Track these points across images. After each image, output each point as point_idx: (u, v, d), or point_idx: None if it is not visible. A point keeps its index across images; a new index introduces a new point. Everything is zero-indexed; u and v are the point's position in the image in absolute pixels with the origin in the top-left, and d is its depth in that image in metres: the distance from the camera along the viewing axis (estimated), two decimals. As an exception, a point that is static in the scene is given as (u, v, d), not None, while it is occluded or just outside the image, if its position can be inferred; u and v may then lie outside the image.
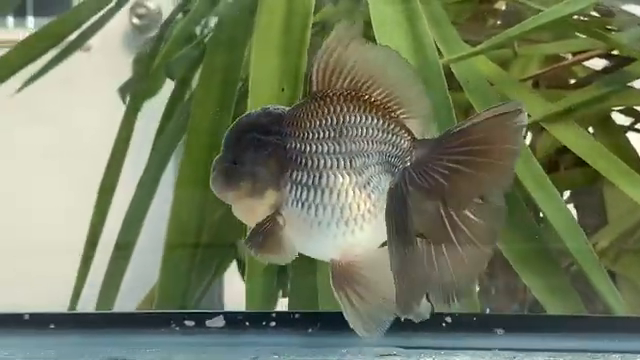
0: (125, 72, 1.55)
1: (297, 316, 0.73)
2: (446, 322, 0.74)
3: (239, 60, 1.05)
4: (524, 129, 0.62)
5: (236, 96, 1.04)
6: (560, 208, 1.00)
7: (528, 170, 1.01)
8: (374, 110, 0.63)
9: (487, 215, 0.63)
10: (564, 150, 1.23)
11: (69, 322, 0.72)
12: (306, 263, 0.99)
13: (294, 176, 0.61)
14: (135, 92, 1.40)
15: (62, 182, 1.71)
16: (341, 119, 0.62)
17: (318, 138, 0.62)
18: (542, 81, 1.28)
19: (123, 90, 1.50)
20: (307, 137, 0.62)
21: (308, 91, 0.63)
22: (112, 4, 1.29)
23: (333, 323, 0.72)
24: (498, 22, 1.33)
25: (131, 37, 1.99)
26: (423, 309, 0.64)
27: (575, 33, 1.21)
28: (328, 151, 0.61)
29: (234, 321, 0.73)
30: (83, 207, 1.27)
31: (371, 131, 0.62)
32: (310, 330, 0.73)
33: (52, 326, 0.71)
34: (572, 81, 1.30)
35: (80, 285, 1.15)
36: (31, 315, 0.71)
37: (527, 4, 1.14)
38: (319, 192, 0.61)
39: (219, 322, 0.73)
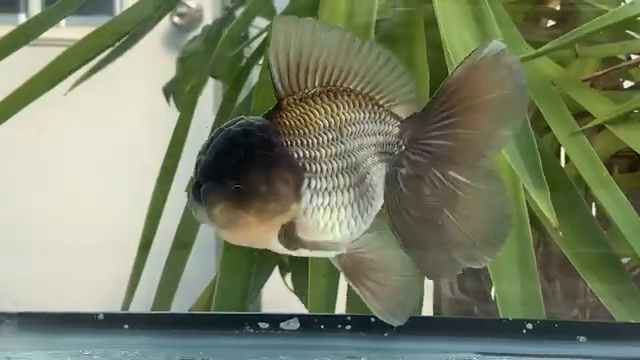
0: (167, 70, 1.55)
1: (373, 320, 0.72)
2: (527, 329, 0.72)
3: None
4: (504, 56, 0.61)
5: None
6: (627, 212, 0.98)
7: (594, 173, 0.99)
8: (362, 103, 0.62)
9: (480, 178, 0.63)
10: (618, 153, 1.21)
11: (143, 322, 0.71)
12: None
13: (312, 184, 0.59)
14: (183, 90, 1.40)
15: (107, 180, 1.72)
16: (338, 119, 0.61)
17: (324, 142, 0.60)
18: (597, 82, 1.26)
19: (167, 89, 1.50)
20: (313, 144, 0.60)
21: (277, 94, 0.60)
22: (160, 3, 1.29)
23: (410, 327, 0.71)
24: (551, 23, 1.31)
25: (171, 36, 2.00)
26: (402, 315, 0.63)
27: (628, 33, 1.19)
28: (336, 153, 0.61)
29: (309, 324, 0.72)
30: (132, 205, 1.26)
31: (364, 125, 0.62)
32: (386, 334, 0.72)
33: (126, 326, 0.71)
34: (626, 83, 1.28)
35: (134, 284, 1.15)
36: (105, 315, 0.71)
37: (590, 4, 1.13)
38: (338, 194, 0.60)
39: (294, 325, 0.72)
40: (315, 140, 0.60)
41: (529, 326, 0.72)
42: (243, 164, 0.57)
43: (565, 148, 1.03)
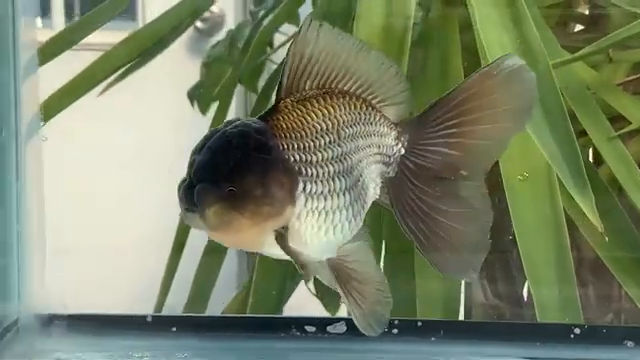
0: (189, 74, 1.55)
1: (420, 324, 0.72)
2: (574, 333, 0.72)
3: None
4: (523, 72, 0.61)
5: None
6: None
7: (630, 176, 0.99)
8: (357, 105, 0.62)
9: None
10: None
11: (191, 325, 0.71)
12: (403, 269, 0.98)
13: (307, 188, 0.58)
14: (208, 94, 1.41)
15: (136, 182, 1.72)
16: (335, 121, 0.60)
17: (321, 145, 0.59)
18: (627, 87, 1.26)
19: (191, 93, 1.51)
20: (310, 147, 0.59)
21: (279, 95, 0.59)
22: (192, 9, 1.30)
23: (456, 331, 0.71)
24: (580, 27, 1.31)
25: (194, 40, 2.00)
26: (378, 328, 0.62)
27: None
28: (333, 157, 0.60)
29: (356, 327, 0.72)
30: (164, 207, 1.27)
31: (360, 127, 0.61)
32: (433, 338, 0.72)
33: (174, 329, 0.71)
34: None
35: (166, 287, 1.15)
36: (154, 317, 0.71)
37: (620, 7, 1.12)
38: (334, 198, 0.59)
39: (341, 328, 0.72)
40: (312, 144, 0.59)
41: (576, 331, 0.72)
42: (239, 166, 0.56)
43: (601, 152, 1.02)
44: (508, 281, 1.16)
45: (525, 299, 1.17)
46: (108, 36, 1.26)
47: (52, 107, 1.09)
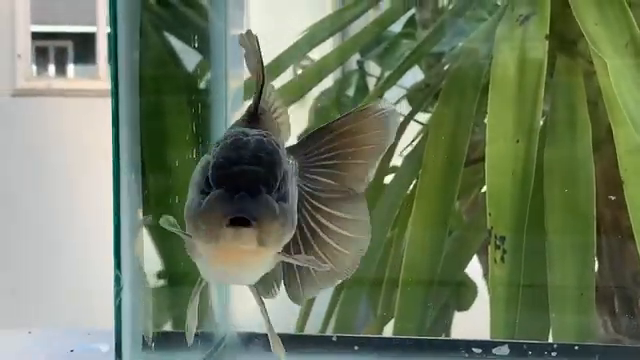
0: (297, 121, 1.64)
1: (577, 347, 0.79)
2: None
3: (470, 111, 1.13)
4: (394, 116, 0.63)
5: (467, 146, 1.11)
6: None
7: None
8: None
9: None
10: None
11: (371, 345, 0.79)
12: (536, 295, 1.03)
13: None
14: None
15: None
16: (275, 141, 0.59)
17: (290, 163, 0.59)
18: None
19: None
20: (289, 163, 0.58)
21: (257, 109, 0.59)
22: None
23: (611, 356, 0.77)
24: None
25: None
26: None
27: None
28: (292, 175, 0.59)
29: (518, 350, 0.79)
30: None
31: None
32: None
33: (356, 347, 0.79)
34: None
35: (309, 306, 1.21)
36: (338, 337, 0.79)
37: None
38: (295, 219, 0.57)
39: (505, 350, 0.80)
40: (288, 160, 0.58)
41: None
42: (284, 177, 0.54)
43: None
44: (629, 316, 1.21)
45: None
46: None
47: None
